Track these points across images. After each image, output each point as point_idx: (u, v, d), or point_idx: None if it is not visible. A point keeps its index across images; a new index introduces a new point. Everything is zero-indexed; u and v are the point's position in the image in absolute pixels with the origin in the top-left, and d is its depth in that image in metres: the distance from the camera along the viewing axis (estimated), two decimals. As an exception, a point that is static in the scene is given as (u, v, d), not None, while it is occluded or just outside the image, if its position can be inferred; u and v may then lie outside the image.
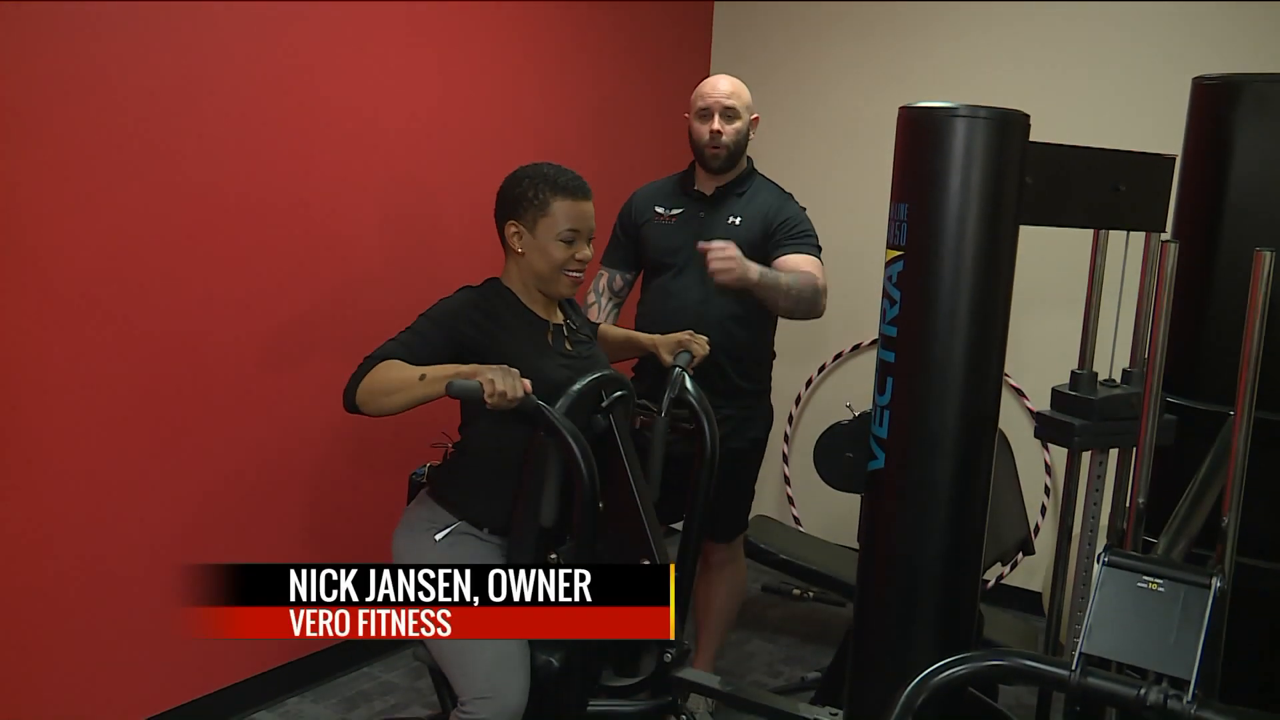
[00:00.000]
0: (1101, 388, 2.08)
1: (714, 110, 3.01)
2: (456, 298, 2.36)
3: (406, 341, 2.24)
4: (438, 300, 2.35)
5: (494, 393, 2.06)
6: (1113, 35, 3.93)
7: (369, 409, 2.18)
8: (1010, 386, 4.14)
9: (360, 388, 2.18)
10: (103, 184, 2.66)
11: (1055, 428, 2.08)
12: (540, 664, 2.24)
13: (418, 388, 2.13)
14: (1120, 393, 2.07)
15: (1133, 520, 2.01)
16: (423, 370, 2.14)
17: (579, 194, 2.36)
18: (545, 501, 2.20)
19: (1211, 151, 2.36)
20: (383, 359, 2.19)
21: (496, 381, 2.06)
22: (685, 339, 2.67)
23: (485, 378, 2.07)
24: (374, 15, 3.25)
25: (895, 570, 1.98)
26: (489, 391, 2.06)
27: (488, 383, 2.06)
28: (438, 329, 2.27)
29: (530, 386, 2.11)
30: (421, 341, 2.24)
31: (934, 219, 1.85)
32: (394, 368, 2.17)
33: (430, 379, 2.12)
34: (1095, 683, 1.65)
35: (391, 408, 2.16)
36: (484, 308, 2.34)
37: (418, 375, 2.13)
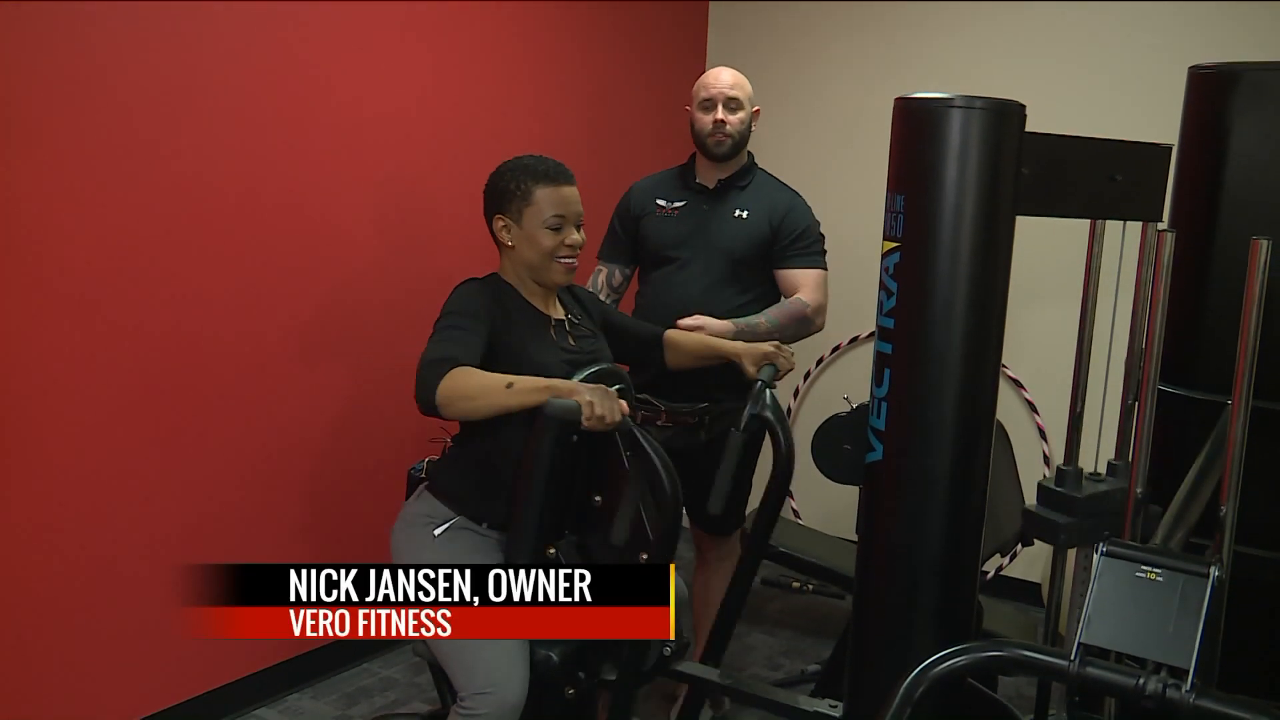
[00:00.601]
0: (1087, 483, 2.07)
1: (717, 100, 3.01)
2: (468, 288, 2.35)
3: (457, 340, 2.20)
4: (454, 293, 2.33)
5: (592, 415, 2.05)
6: (1108, 25, 3.93)
7: (449, 413, 2.12)
8: (1008, 377, 4.14)
9: (441, 390, 2.09)
10: (99, 182, 2.65)
11: (1041, 525, 2.07)
12: (540, 659, 2.24)
13: (504, 396, 2.10)
14: (1105, 488, 2.06)
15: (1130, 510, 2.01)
16: (509, 379, 2.11)
17: (560, 179, 2.36)
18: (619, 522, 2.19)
19: (1207, 141, 2.36)
20: (450, 362, 2.12)
21: (596, 405, 2.05)
22: (772, 351, 2.61)
23: (584, 400, 2.05)
24: (369, 13, 3.24)
25: (894, 562, 1.98)
26: (588, 414, 2.05)
27: (586, 405, 2.05)
28: (473, 320, 2.25)
29: (627, 408, 2.10)
30: (470, 338, 2.21)
31: (930, 210, 1.85)
32: (474, 373, 2.12)
33: (519, 389, 2.09)
34: (1094, 672, 1.65)
35: (474, 413, 2.13)
36: (495, 299, 2.34)
37: (504, 383, 2.10)
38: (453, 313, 2.27)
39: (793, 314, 2.97)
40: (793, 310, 2.98)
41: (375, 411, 3.43)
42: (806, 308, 2.99)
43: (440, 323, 2.26)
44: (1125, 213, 2.07)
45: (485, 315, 2.27)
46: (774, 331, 2.92)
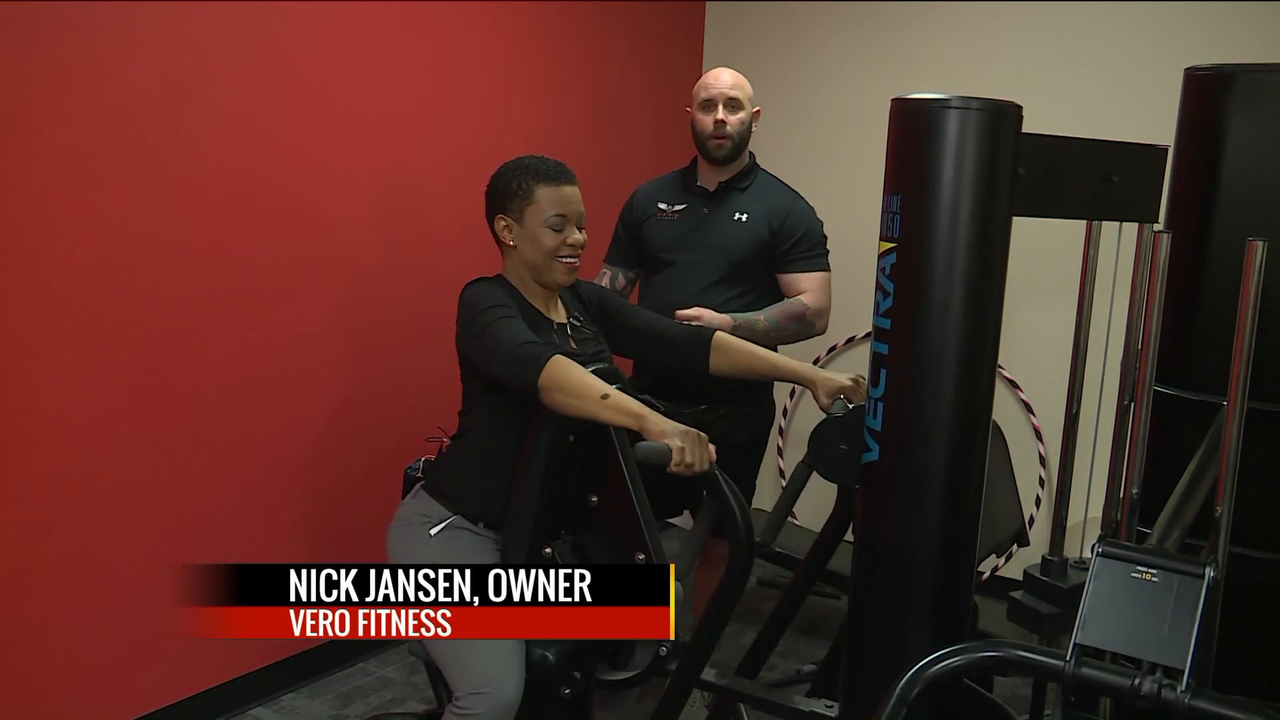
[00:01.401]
0: (1073, 571, 2.07)
1: (717, 101, 3.00)
2: (483, 285, 2.35)
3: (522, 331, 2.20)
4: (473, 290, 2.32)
5: (681, 463, 2.03)
6: (1105, 26, 3.93)
7: (546, 397, 2.11)
8: (1004, 378, 4.15)
9: (546, 374, 2.09)
10: (95, 180, 2.65)
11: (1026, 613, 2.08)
12: (536, 658, 2.24)
13: (597, 406, 2.08)
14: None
15: (1126, 511, 2.01)
16: (606, 389, 2.10)
17: (561, 179, 2.36)
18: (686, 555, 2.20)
19: (1204, 142, 2.36)
20: (537, 344, 2.14)
21: (687, 452, 2.03)
22: (849, 386, 2.40)
23: (675, 445, 2.03)
24: (367, 12, 3.24)
25: (890, 562, 1.98)
26: (677, 460, 2.03)
27: (678, 452, 2.03)
28: (511, 310, 2.25)
29: (715, 454, 2.09)
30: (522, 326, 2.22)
31: (927, 210, 1.84)
32: (575, 369, 2.12)
33: (612, 405, 2.08)
34: (1090, 673, 1.65)
35: (565, 408, 2.12)
36: (509, 297, 2.34)
37: (600, 393, 2.09)
38: (494, 305, 2.26)
39: (791, 314, 2.97)
40: (791, 310, 2.98)
41: (372, 411, 3.42)
42: (806, 309, 2.99)
43: (488, 314, 2.23)
44: (1121, 214, 2.07)
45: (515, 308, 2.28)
46: (771, 331, 2.92)
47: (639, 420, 2.07)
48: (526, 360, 2.12)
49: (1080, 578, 2.05)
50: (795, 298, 3.01)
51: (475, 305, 2.28)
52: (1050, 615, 2.04)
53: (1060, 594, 2.04)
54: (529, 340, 2.17)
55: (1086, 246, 2.20)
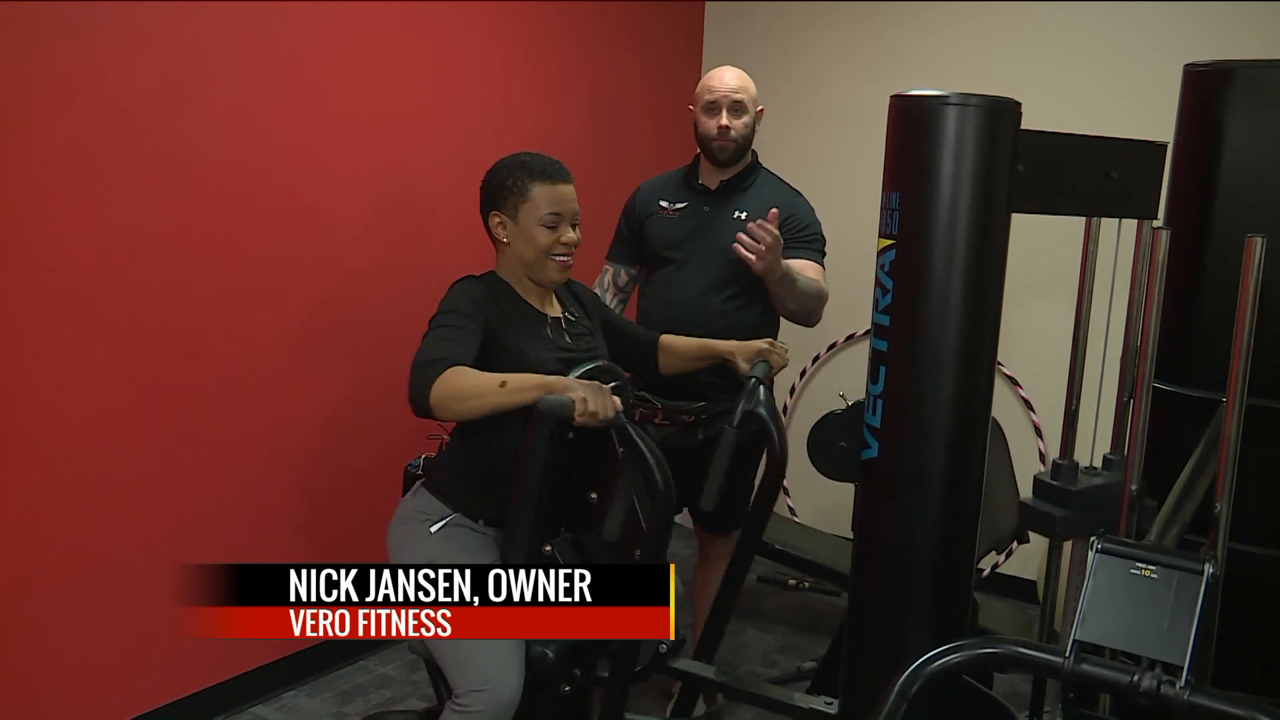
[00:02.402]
0: (1083, 476, 2.07)
1: (722, 105, 2.99)
2: (464, 286, 2.35)
3: (451, 339, 2.20)
4: (451, 291, 2.33)
5: (585, 412, 2.04)
6: (1104, 23, 3.93)
7: (444, 414, 2.13)
8: (1004, 375, 4.15)
9: (435, 392, 2.09)
10: (95, 179, 2.65)
11: (1037, 517, 2.08)
12: (535, 655, 2.24)
13: (499, 395, 2.09)
14: (1101, 481, 2.06)
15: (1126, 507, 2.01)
16: (503, 377, 2.11)
17: (557, 177, 2.36)
18: (611, 519, 2.18)
19: (1203, 138, 2.36)
20: (445, 363, 2.12)
21: (589, 401, 2.04)
22: (765, 348, 2.59)
23: (577, 395, 2.04)
24: (367, 11, 3.24)
25: (889, 559, 1.98)
26: (580, 410, 2.04)
27: (579, 401, 2.04)
28: (467, 320, 2.24)
29: (620, 404, 2.09)
30: (464, 336, 2.21)
31: (926, 207, 1.84)
32: (468, 373, 2.12)
33: (513, 388, 2.09)
34: (1089, 669, 1.66)
35: (468, 414, 2.13)
36: (492, 297, 2.34)
37: (498, 382, 2.10)
38: (447, 311, 2.27)
39: (817, 289, 2.95)
40: (818, 287, 2.95)
41: (372, 408, 3.43)
42: (823, 290, 2.97)
43: (434, 321, 2.26)
44: (1121, 210, 2.07)
45: (480, 314, 2.26)
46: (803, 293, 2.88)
47: (544, 387, 2.09)
48: (417, 383, 2.12)
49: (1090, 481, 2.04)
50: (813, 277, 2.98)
51: (440, 307, 2.29)
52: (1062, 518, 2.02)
53: (1071, 497, 2.03)
54: (429, 359, 2.14)
55: (1086, 243, 2.19)
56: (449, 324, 2.24)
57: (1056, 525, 2.03)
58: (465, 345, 2.19)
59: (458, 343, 2.19)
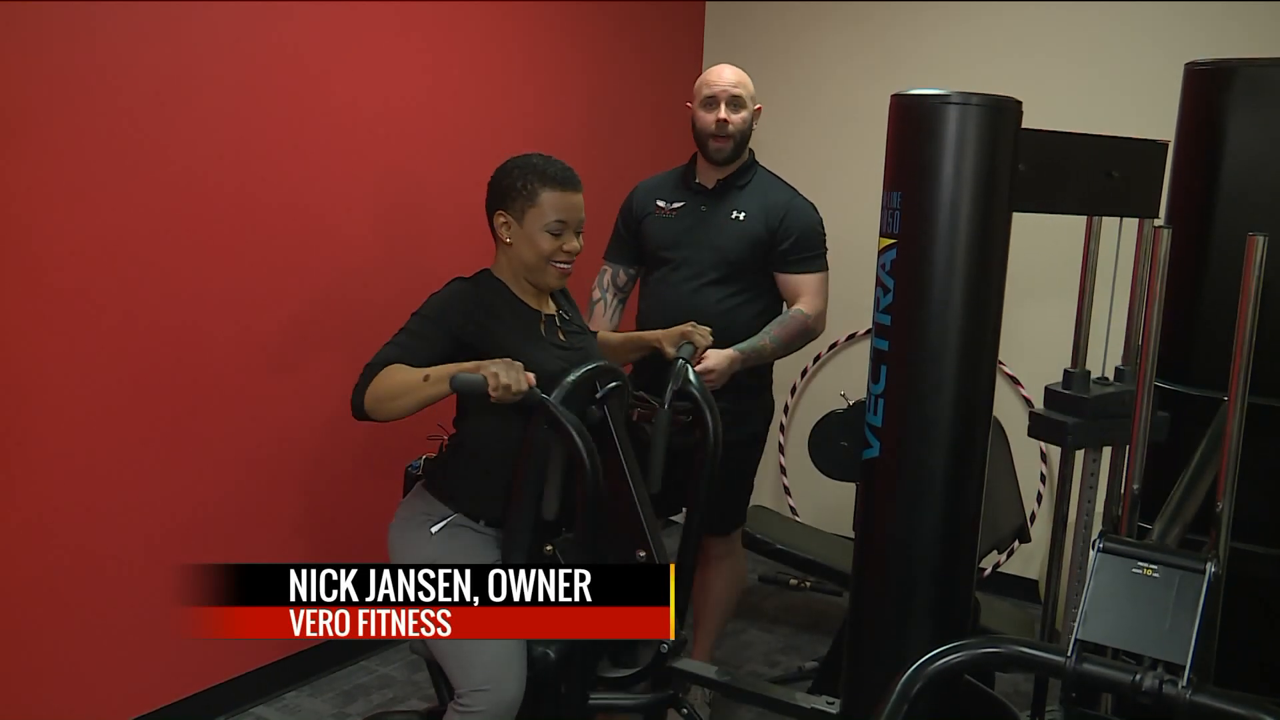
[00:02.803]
0: (1094, 385, 2.06)
1: (720, 99, 2.98)
2: (448, 290, 2.35)
3: (403, 344, 2.24)
4: (434, 295, 2.35)
5: (498, 386, 2.05)
6: (1105, 21, 3.93)
7: (378, 415, 2.18)
8: (1005, 374, 4.14)
9: (367, 395, 2.17)
10: (95, 179, 2.65)
11: (1049, 426, 2.07)
12: (537, 655, 2.24)
13: (423, 389, 2.13)
14: (1113, 390, 2.06)
15: (1127, 506, 2.01)
16: (426, 371, 2.14)
17: (568, 185, 2.35)
18: (548, 495, 2.20)
19: (1204, 137, 2.36)
20: (383, 365, 2.18)
21: (500, 375, 2.05)
22: (688, 330, 2.65)
23: (489, 371, 2.06)
24: (367, 11, 3.24)
25: (890, 559, 1.98)
26: (493, 385, 2.05)
27: (491, 376, 2.05)
28: (433, 326, 2.27)
29: (534, 379, 2.10)
30: (419, 342, 2.24)
31: (927, 207, 1.84)
32: (397, 372, 2.16)
33: (434, 378, 2.12)
34: (1090, 669, 1.65)
35: (399, 411, 2.16)
36: (477, 299, 2.33)
37: (421, 377, 2.13)
38: (417, 316, 2.31)
39: (795, 330, 2.98)
40: (794, 327, 2.98)
41: (372, 409, 3.42)
42: (806, 319, 2.99)
43: (400, 331, 2.29)
44: (1122, 209, 2.07)
45: (452, 323, 2.27)
46: (779, 350, 2.94)
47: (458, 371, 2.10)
48: (355, 389, 2.19)
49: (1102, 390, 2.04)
50: (795, 309, 2.99)
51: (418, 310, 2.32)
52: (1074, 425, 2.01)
53: (1083, 405, 2.02)
54: (375, 363, 2.20)
55: (1087, 242, 2.19)
56: (410, 329, 2.28)
57: (1068, 433, 2.03)
58: (416, 352, 2.22)
59: (407, 348, 2.23)
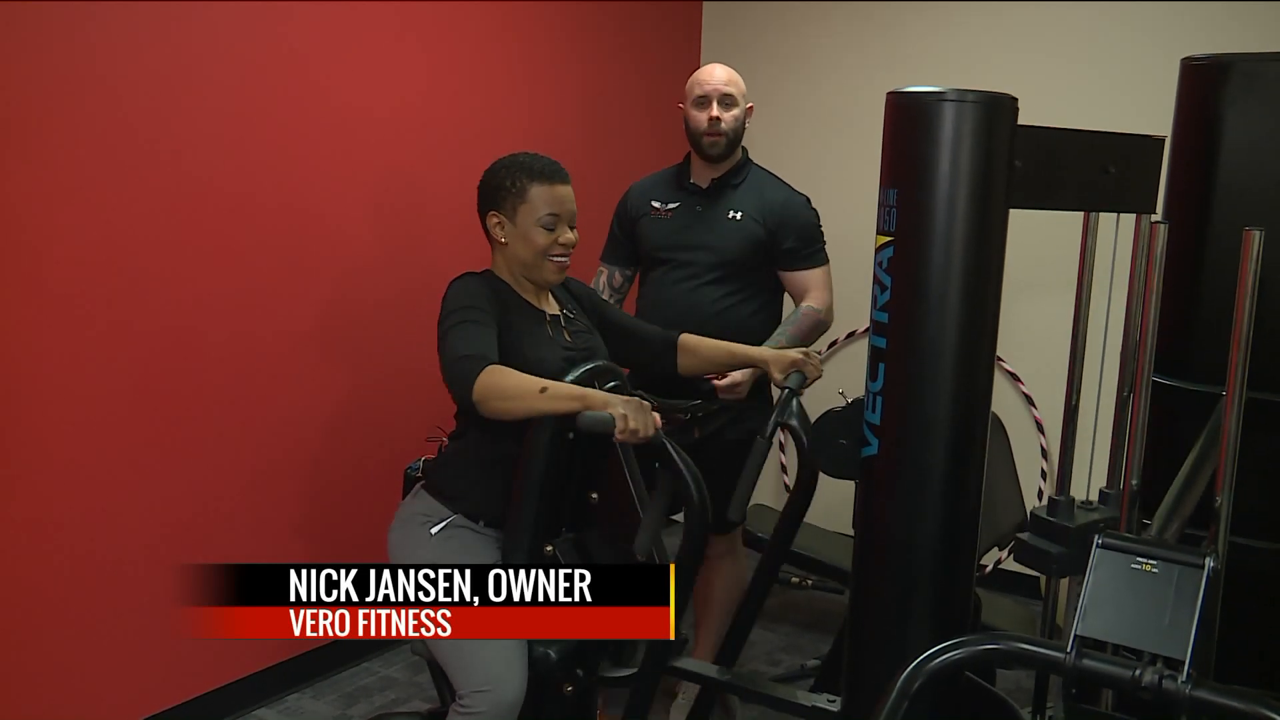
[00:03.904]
0: (1080, 511, 2.06)
1: (712, 98, 3.00)
2: (473, 283, 2.34)
3: (480, 336, 2.20)
4: (454, 287, 2.32)
5: (626, 429, 2.04)
6: (1100, 18, 3.93)
7: (485, 410, 2.12)
8: (1005, 371, 4.14)
9: (479, 386, 2.10)
10: (95, 182, 2.66)
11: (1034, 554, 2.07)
12: (538, 656, 2.24)
13: (538, 401, 2.10)
14: (1097, 516, 2.05)
15: (1126, 502, 2.01)
16: (544, 383, 2.11)
17: (555, 178, 2.36)
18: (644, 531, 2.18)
19: (1201, 132, 2.36)
20: (478, 356, 2.13)
21: (630, 419, 2.04)
22: (799, 359, 2.57)
23: (618, 412, 2.04)
24: (365, 13, 3.24)
25: (890, 556, 1.98)
26: (621, 428, 2.04)
27: (620, 419, 2.04)
28: (487, 315, 2.25)
29: (660, 421, 2.09)
30: (486, 333, 2.22)
31: (923, 204, 1.84)
32: (510, 373, 2.12)
33: (553, 396, 2.09)
34: (1090, 664, 1.65)
35: (508, 414, 2.13)
36: (495, 293, 2.34)
37: (539, 388, 2.10)
38: (464, 307, 2.26)
39: (808, 326, 2.99)
40: (808, 324, 2.99)
41: (372, 410, 3.43)
42: (818, 313, 3.00)
43: (453, 317, 2.24)
44: (1119, 205, 2.06)
45: (491, 308, 2.27)
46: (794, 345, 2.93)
47: (582, 400, 2.09)
48: (460, 377, 2.13)
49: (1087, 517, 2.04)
50: (805, 306, 3.00)
51: (447, 305, 2.29)
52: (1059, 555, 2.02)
53: (1068, 534, 2.02)
54: (468, 354, 2.15)
55: (1084, 238, 2.19)
56: (470, 319, 2.23)
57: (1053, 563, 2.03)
58: (491, 341, 2.20)
59: (484, 339, 2.20)
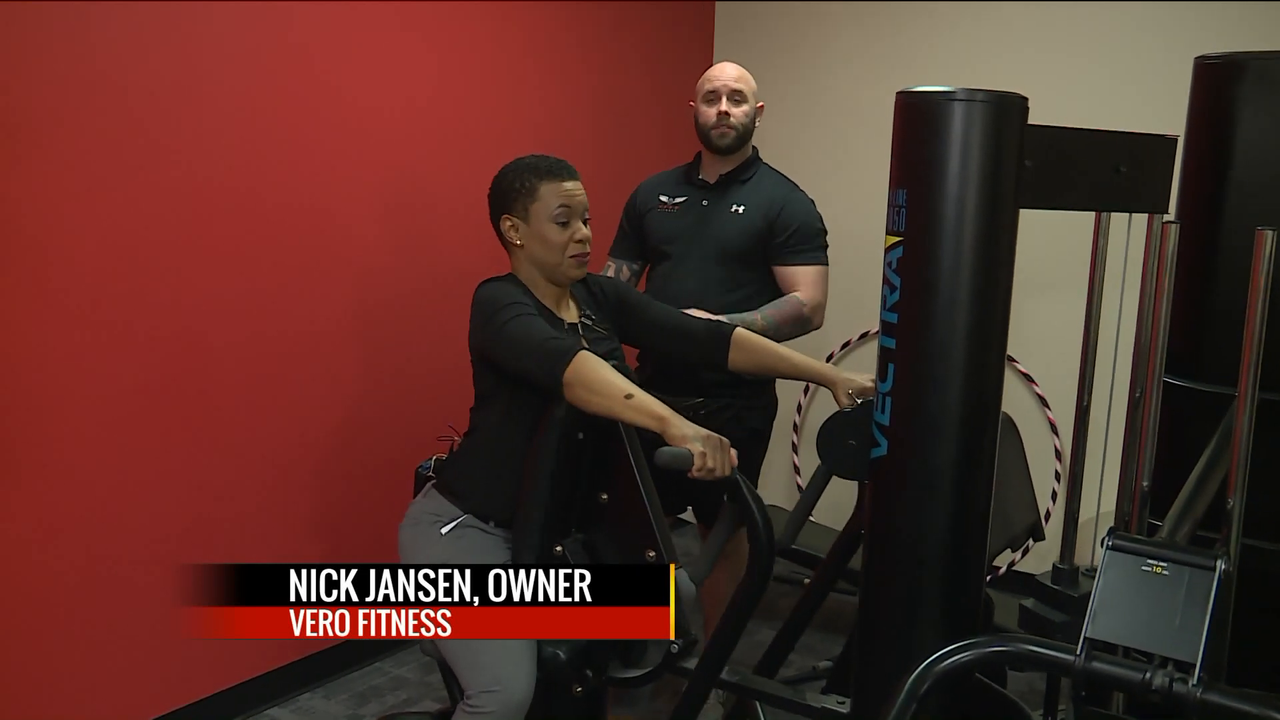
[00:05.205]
0: (1084, 579, 2.05)
1: (721, 93, 3.01)
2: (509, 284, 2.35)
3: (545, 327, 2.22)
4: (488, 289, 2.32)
5: (703, 468, 2.02)
6: (1113, 16, 3.91)
7: (570, 393, 2.11)
8: (1019, 372, 4.12)
9: (571, 370, 2.10)
10: (104, 183, 2.67)
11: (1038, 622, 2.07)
12: (547, 656, 2.24)
13: (621, 405, 2.08)
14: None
15: (1137, 504, 2.00)
16: (630, 389, 2.09)
17: (563, 174, 2.36)
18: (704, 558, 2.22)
19: (1214, 131, 2.35)
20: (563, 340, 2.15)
21: (709, 457, 2.02)
22: (869, 388, 2.44)
23: (697, 450, 2.01)
24: (375, 13, 3.25)
25: (899, 558, 1.97)
26: (698, 465, 2.01)
27: (699, 456, 2.01)
28: (525, 306, 2.25)
29: (736, 459, 2.08)
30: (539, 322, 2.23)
31: (932, 204, 1.83)
32: (601, 367, 2.12)
33: (635, 406, 2.07)
34: (1100, 667, 1.64)
35: (588, 405, 2.12)
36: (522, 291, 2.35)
37: (625, 392, 2.08)
38: (514, 302, 2.26)
39: (789, 314, 2.96)
40: (789, 310, 2.97)
41: (383, 410, 3.43)
42: (803, 306, 2.98)
43: (508, 311, 2.23)
44: (1130, 205, 2.05)
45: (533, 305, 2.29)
46: (769, 329, 2.90)
47: (661, 423, 2.04)
48: (554, 355, 2.13)
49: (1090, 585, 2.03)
50: (791, 295, 2.99)
51: (495, 302, 2.27)
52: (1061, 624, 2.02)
53: (1071, 602, 2.02)
54: (554, 335, 2.18)
55: (1095, 238, 2.18)
56: (526, 312, 2.24)
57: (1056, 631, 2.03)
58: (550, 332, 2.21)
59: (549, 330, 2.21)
